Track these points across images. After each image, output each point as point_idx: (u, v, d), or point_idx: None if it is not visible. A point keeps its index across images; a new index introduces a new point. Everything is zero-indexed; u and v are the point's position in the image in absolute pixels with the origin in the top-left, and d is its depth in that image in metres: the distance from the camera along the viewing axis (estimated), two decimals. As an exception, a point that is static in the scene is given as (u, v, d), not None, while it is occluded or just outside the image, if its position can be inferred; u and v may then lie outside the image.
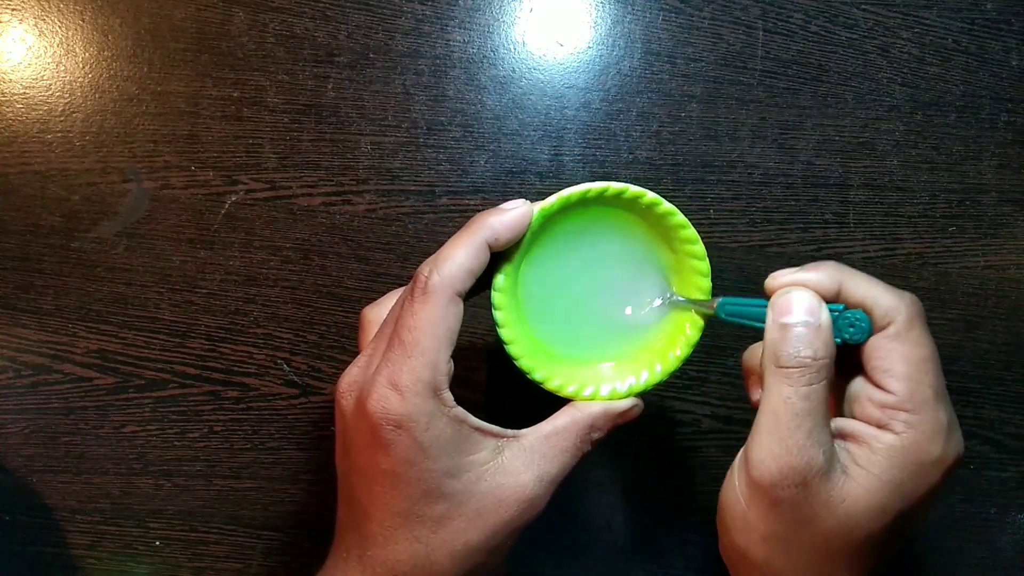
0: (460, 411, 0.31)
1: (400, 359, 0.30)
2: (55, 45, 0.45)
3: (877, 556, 0.30)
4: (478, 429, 0.31)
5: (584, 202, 0.34)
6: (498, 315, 0.33)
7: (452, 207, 0.45)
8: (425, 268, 0.31)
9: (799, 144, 0.46)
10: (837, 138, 0.46)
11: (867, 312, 0.30)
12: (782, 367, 0.29)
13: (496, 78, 0.45)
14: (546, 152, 0.45)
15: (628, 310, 0.37)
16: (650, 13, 0.46)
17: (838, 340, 0.30)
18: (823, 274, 0.31)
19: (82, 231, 0.45)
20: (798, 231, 0.46)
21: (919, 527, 0.31)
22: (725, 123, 0.46)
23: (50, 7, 0.45)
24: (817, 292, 0.31)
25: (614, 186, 0.33)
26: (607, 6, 0.46)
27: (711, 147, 0.46)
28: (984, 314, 0.46)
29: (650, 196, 0.34)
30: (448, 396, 0.30)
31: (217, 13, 0.45)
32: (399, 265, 0.46)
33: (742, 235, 0.46)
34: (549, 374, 0.34)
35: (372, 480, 0.30)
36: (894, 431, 0.29)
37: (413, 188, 0.45)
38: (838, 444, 0.30)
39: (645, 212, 0.35)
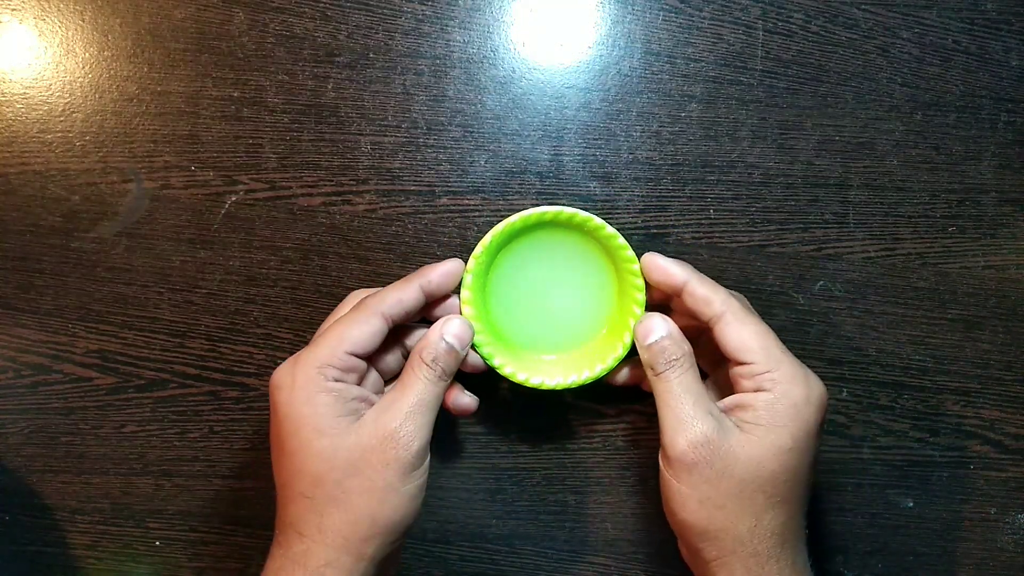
0: (340, 385, 0.36)
1: (309, 346, 0.37)
2: (55, 45, 0.45)
3: (788, 494, 0.36)
4: (356, 398, 0.37)
5: (539, 223, 0.41)
6: (466, 309, 0.40)
7: (452, 207, 0.45)
8: (360, 296, 0.39)
9: (799, 144, 0.46)
10: (837, 138, 0.46)
11: (707, 304, 0.38)
12: (659, 373, 0.38)
13: (496, 78, 0.45)
14: (546, 152, 0.45)
15: (577, 315, 0.43)
16: (650, 13, 0.46)
17: None
18: (678, 272, 0.39)
19: (82, 231, 0.45)
20: (798, 231, 0.46)
21: (813, 460, 0.37)
22: (725, 123, 0.46)
23: (50, 7, 0.45)
24: (672, 289, 0.39)
25: (551, 210, 0.40)
26: (607, 6, 0.46)
27: (711, 147, 0.46)
28: (984, 314, 0.46)
29: (581, 215, 0.40)
30: (331, 372, 0.36)
31: (217, 13, 0.45)
32: (399, 265, 0.46)
33: (742, 235, 0.46)
34: (505, 362, 0.41)
35: (275, 449, 0.38)
36: (766, 389, 0.36)
37: (413, 188, 0.45)
38: (731, 415, 0.37)
39: (582, 228, 0.41)
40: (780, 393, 0.36)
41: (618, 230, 0.41)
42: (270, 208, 0.45)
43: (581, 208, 0.45)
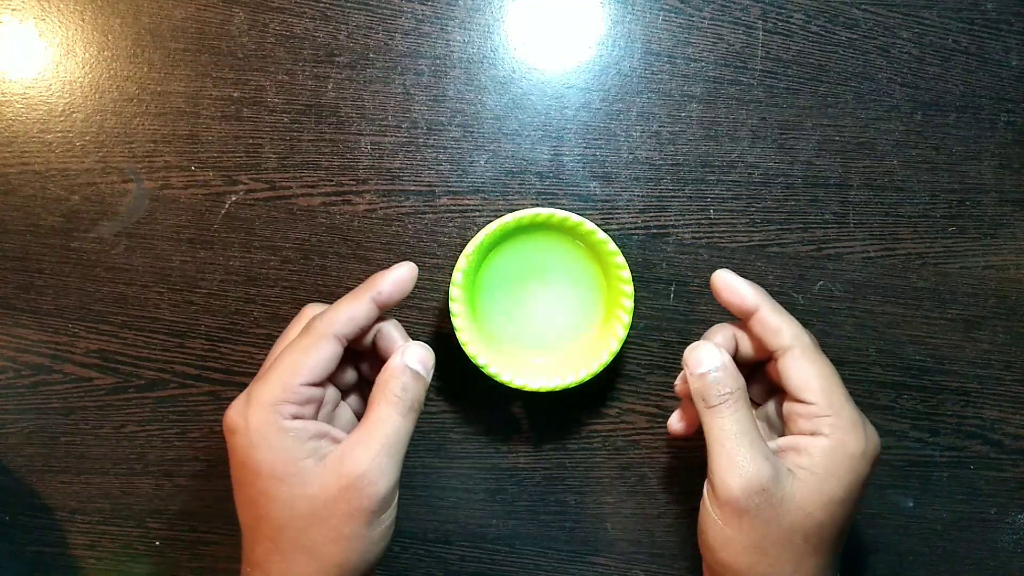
0: (297, 424, 0.34)
1: (261, 380, 0.34)
2: (55, 45, 0.45)
3: (829, 541, 0.35)
4: (315, 436, 0.34)
5: (531, 225, 0.41)
6: (453, 306, 0.40)
7: (452, 207, 0.45)
8: (313, 312, 0.37)
9: (799, 144, 0.46)
10: (837, 138, 0.46)
11: (776, 335, 0.37)
12: (712, 406, 0.36)
13: (496, 78, 0.45)
14: (546, 152, 0.45)
15: (565, 318, 0.43)
16: (650, 13, 0.46)
17: None
18: (751, 296, 0.37)
19: (82, 231, 0.45)
20: (798, 231, 0.46)
21: (854, 514, 0.36)
22: (725, 123, 0.46)
23: (50, 7, 0.45)
24: (742, 312, 0.37)
25: (543, 212, 0.40)
26: (607, 6, 0.46)
27: (711, 147, 0.46)
28: (984, 314, 0.46)
29: (573, 219, 0.40)
30: (288, 409, 0.34)
31: (217, 13, 0.45)
32: (399, 265, 0.46)
33: (742, 235, 0.46)
34: (490, 362, 0.41)
35: (236, 492, 0.36)
36: (823, 434, 0.35)
37: (413, 188, 0.45)
38: (785, 457, 0.36)
39: (572, 232, 0.41)
40: (837, 441, 0.35)
41: (618, 230, 0.41)
42: (270, 208, 0.45)
43: (580, 208, 0.45)
